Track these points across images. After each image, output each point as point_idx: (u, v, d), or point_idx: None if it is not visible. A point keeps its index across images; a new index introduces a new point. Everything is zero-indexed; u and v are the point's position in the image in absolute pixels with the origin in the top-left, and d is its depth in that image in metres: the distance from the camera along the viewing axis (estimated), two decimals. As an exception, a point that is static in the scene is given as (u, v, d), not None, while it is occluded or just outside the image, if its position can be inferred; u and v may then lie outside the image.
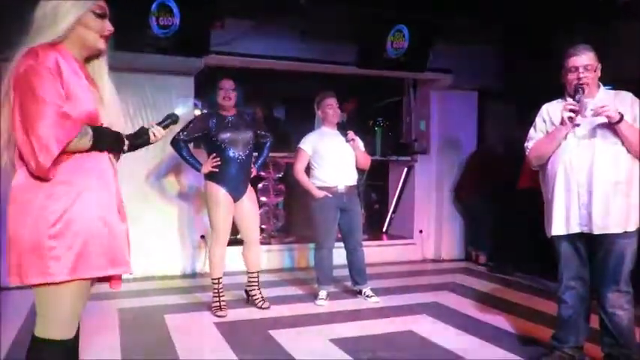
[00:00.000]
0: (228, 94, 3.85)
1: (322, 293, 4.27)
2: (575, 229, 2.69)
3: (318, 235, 4.28)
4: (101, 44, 1.84)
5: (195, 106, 5.67)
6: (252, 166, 3.99)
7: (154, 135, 2.02)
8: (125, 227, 1.87)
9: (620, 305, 2.65)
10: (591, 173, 2.62)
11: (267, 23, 5.00)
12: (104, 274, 1.78)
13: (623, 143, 2.59)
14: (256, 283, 4.08)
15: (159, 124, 2.07)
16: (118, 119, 1.89)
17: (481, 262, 5.84)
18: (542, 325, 3.58)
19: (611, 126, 2.56)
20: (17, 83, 1.65)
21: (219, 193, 3.81)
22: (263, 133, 4.10)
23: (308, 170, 4.33)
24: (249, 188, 3.96)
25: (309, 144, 4.26)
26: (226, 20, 4.86)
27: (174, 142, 3.89)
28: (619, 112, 2.52)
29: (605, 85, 2.77)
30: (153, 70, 4.90)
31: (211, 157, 3.83)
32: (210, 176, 3.84)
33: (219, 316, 3.82)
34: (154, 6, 4.41)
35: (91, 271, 1.74)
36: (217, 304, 3.88)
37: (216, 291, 3.90)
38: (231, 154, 3.80)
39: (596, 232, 2.63)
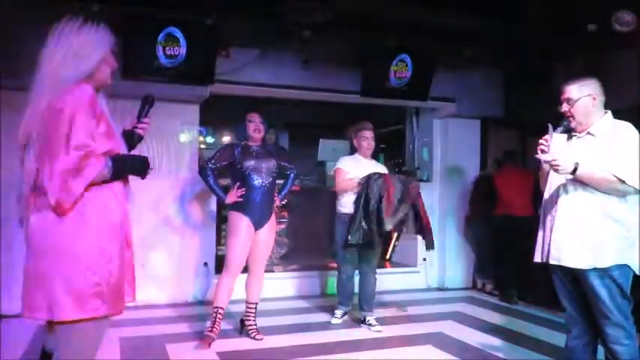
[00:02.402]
0: (258, 126, 3.94)
1: (338, 312, 4.42)
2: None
3: (340, 260, 4.36)
4: (109, 79, 1.92)
5: (201, 133, 5.70)
6: (275, 194, 4.04)
7: (143, 130, 2.13)
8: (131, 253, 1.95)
9: (619, 341, 2.56)
10: (559, 205, 2.63)
11: (271, 52, 5.09)
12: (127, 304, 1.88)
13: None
14: (253, 314, 4.04)
15: (139, 116, 2.15)
16: None
17: (487, 290, 5.79)
18: (548, 356, 3.52)
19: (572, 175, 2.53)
20: (50, 119, 1.67)
21: (241, 222, 3.83)
22: (286, 164, 4.15)
23: (336, 196, 4.35)
24: (272, 218, 3.98)
25: (346, 165, 4.30)
26: (231, 49, 4.94)
27: (202, 171, 3.97)
28: (575, 163, 2.48)
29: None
30: (159, 98, 4.86)
31: (236, 186, 3.87)
32: (234, 206, 3.88)
33: (199, 346, 3.68)
34: (161, 36, 4.51)
35: (121, 305, 1.82)
36: (208, 330, 3.75)
37: (212, 319, 3.78)
38: (254, 181, 3.85)
39: (551, 261, 2.65)
